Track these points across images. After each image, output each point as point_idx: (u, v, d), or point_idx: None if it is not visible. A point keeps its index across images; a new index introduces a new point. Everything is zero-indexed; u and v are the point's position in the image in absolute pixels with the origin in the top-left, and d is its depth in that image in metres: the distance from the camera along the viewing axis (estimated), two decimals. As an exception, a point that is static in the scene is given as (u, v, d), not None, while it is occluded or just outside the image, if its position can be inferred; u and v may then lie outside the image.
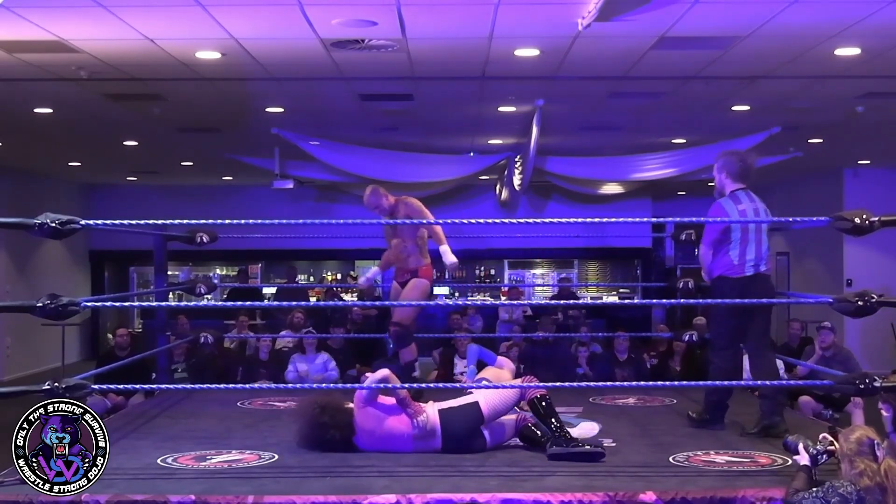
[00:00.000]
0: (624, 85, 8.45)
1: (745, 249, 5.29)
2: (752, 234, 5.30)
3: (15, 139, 11.56)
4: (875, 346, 13.43)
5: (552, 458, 4.67)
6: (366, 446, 4.89)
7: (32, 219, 4.43)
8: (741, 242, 5.30)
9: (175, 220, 5.91)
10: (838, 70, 7.71)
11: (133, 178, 16.51)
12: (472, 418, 4.89)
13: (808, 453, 3.93)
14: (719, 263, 5.36)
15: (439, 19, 6.37)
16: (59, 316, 4.48)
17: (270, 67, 7.65)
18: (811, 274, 15.69)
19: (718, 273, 5.37)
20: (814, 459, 3.91)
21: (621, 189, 13.85)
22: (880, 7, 5.92)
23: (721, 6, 6.04)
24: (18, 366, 14.10)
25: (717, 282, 5.39)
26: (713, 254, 5.39)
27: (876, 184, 14.38)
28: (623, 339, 9.38)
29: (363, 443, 4.90)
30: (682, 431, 5.45)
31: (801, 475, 3.84)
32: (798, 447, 3.98)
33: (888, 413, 4.65)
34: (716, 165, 5.53)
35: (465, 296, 16.71)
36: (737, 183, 5.43)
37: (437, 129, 11.12)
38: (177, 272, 16.28)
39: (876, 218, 4.65)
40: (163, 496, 3.95)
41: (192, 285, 7.31)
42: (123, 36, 6.54)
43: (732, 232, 5.29)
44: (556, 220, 6.20)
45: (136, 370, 7.90)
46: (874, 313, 4.64)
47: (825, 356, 8.24)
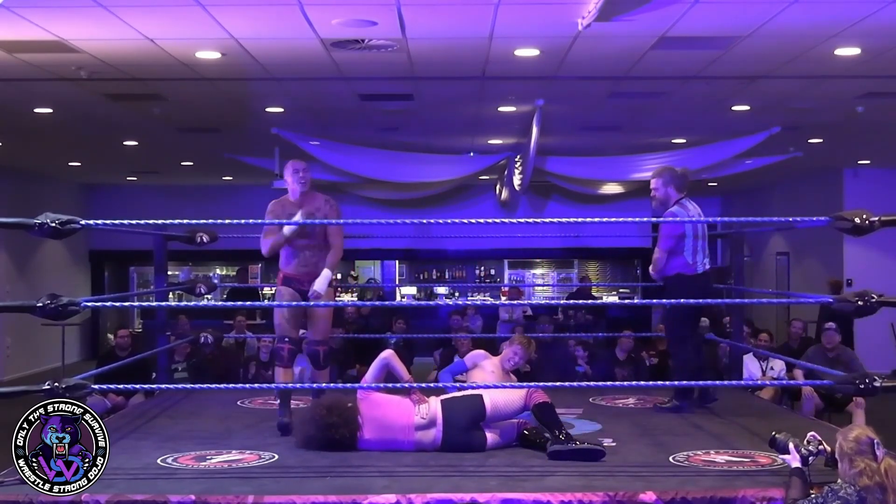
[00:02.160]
0: (624, 85, 8.45)
1: (696, 251, 6.03)
2: (700, 240, 6.06)
3: (15, 139, 11.57)
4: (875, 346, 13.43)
5: (552, 456, 4.67)
6: (369, 443, 4.90)
7: (32, 219, 4.43)
8: (692, 246, 6.02)
9: (175, 220, 5.92)
10: (838, 70, 7.71)
11: (133, 178, 16.52)
12: (475, 410, 4.91)
13: (798, 453, 3.91)
14: (675, 264, 6.02)
15: (439, 19, 6.37)
16: (59, 316, 4.48)
17: (270, 67, 7.65)
18: (811, 274, 15.70)
19: (675, 272, 6.02)
20: (804, 460, 3.90)
21: (621, 189, 13.85)
22: (880, 7, 5.92)
23: (721, 6, 6.04)
24: (18, 366, 14.10)
25: (675, 279, 6.03)
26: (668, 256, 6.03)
27: (876, 184, 14.38)
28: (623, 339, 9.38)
29: (367, 438, 4.91)
30: (682, 431, 5.45)
31: (796, 481, 3.81)
32: (788, 446, 3.96)
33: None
34: (660, 180, 6.12)
35: (465, 296, 16.71)
36: (679, 193, 6.11)
37: (437, 129, 11.12)
38: (177, 272, 16.28)
39: (876, 218, 4.65)
40: (163, 496, 3.95)
41: (192, 285, 7.31)
42: (123, 36, 6.54)
43: (686, 239, 6.00)
44: (556, 220, 6.25)
45: (137, 370, 7.89)
46: (874, 313, 4.65)
47: (829, 357, 8.25)
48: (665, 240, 6.02)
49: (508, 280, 17.96)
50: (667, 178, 6.11)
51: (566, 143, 12.10)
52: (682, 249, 6.00)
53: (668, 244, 6.00)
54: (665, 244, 6.01)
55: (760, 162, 11.89)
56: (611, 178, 12.73)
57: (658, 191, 6.12)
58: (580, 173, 12.42)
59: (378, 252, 16.84)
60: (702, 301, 5.93)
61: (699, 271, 6.02)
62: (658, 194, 6.13)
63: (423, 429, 4.89)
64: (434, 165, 12.10)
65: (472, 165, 12.71)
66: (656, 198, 6.16)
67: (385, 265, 18.10)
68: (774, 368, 8.73)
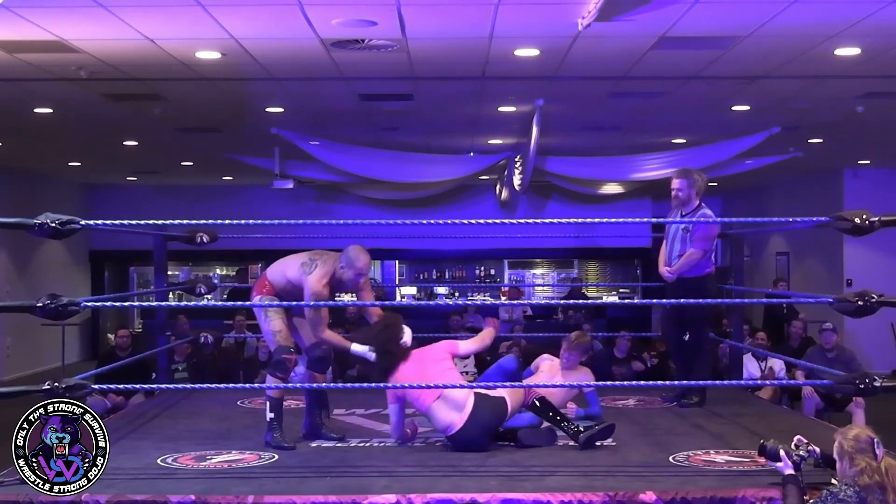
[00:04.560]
0: (624, 85, 8.45)
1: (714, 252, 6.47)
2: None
3: (15, 139, 11.57)
4: (875, 347, 13.43)
5: (586, 444, 4.88)
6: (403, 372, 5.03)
7: (32, 219, 4.44)
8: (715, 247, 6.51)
9: (175, 220, 5.91)
10: (838, 70, 7.71)
11: (133, 178, 16.51)
12: (498, 416, 4.97)
13: (790, 459, 3.91)
14: (705, 264, 6.21)
15: (439, 19, 6.37)
16: (59, 316, 4.49)
17: (270, 67, 7.65)
18: (811, 274, 15.70)
19: (706, 272, 6.21)
20: (797, 466, 3.89)
21: (621, 189, 13.85)
22: (880, 7, 5.91)
23: (721, 6, 6.04)
24: (18, 366, 14.10)
25: (704, 280, 6.20)
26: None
27: (876, 184, 14.37)
28: (623, 339, 9.39)
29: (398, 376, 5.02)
30: (682, 431, 5.46)
31: (791, 489, 3.80)
32: (779, 454, 3.94)
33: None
34: (686, 181, 6.23)
35: (465, 296, 16.71)
36: (699, 195, 6.30)
37: (437, 129, 11.12)
38: (177, 272, 16.29)
39: (876, 218, 4.66)
40: (163, 496, 3.96)
41: (192, 285, 7.31)
42: (123, 36, 6.54)
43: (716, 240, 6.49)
44: (556, 220, 6.26)
45: (137, 370, 7.90)
46: (874, 313, 4.65)
47: (828, 357, 8.25)
48: (704, 241, 6.16)
49: (508, 280, 17.97)
50: (692, 180, 6.24)
51: (566, 143, 12.09)
52: (713, 250, 6.34)
53: (707, 245, 6.18)
54: (703, 245, 6.15)
55: (760, 162, 11.89)
56: (611, 178, 12.74)
57: (682, 191, 6.22)
58: (580, 173, 12.42)
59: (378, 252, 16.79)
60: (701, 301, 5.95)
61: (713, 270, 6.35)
62: (682, 195, 6.23)
63: (447, 405, 4.90)
64: (434, 165, 12.10)
65: (472, 165, 12.70)
66: (678, 198, 6.25)
67: (385, 265, 18.10)
68: (774, 368, 8.74)
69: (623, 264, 18.39)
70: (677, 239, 6.26)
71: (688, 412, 6.06)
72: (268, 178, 11.97)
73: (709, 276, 6.22)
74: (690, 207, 6.25)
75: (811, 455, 3.93)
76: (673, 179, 6.32)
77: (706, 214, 6.22)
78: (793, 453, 3.91)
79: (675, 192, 6.25)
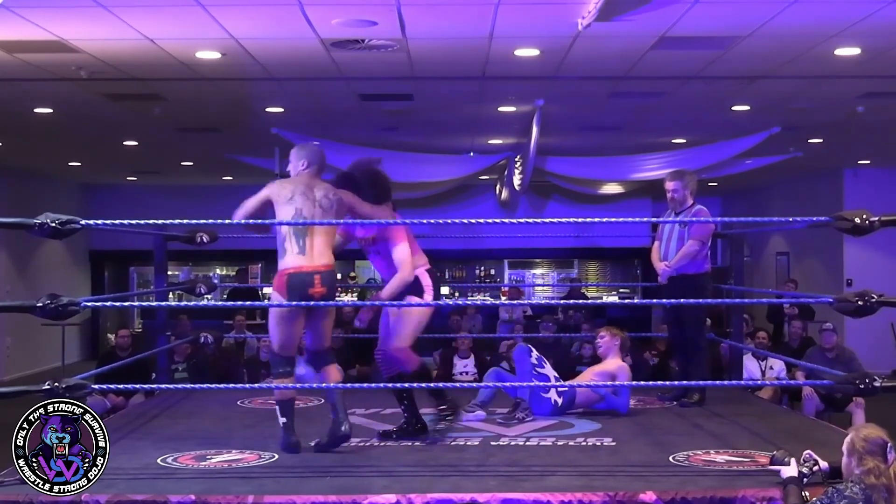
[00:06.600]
0: (624, 85, 8.45)
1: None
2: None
3: (15, 139, 11.57)
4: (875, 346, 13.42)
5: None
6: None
7: (32, 219, 4.43)
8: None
9: (175, 220, 5.90)
10: (838, 70, 7.71)
11: (133, 178, 16.52)
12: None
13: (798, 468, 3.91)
14: (702, 263, 6.32)
15: (439, 19, 6.37)
16: (59, 316, 4.48)
17: (270, 67, 7.65)
18: (811, 274, 15.70)
19: (703, 269, 6.32)
20: (801, 475, 3.89)
21: (621, 189, 13.84)
22: (880, 7, 5.92)
23: (721, 6, 6.04)
24: (18, 366, 14.10)
25: (701, 278, 6.32)
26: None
27: (876, 184, 14.37)
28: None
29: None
30: (682, 431, 5.45)
31: (793, 489, 3.79)
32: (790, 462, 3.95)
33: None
34: (680, 182, 6.38)
35: (465, 296, 16.71)
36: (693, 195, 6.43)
37: (437, 129, 11.12)
38: (177, 272, 16.28)
39: (876, 218, 4.65)
40: (163, 496, 3.95)
41: (192, 285, 7.30)
42: (123, 36, 6.54)
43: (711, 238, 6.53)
44: (556, 220, 6.27)
45: (136, 370, 7.89)
46: (874, 313, 4.64)
47: (828, 357, 8.25)
48: (701, 234, 6.30)
49: (508, 280, 17.96)
50: (686, 181, 6.41)
51: (566, 143, 12.10)
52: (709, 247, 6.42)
53: (704, 237, 6.31)
54: (700, 236, 6.28)
55: (760, 162, 11.89)
56: (611, 178, 12.73)
57: (677, 192, 6.39)
58: (580, 173, 12.42)
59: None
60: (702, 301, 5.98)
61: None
62: (677, 196, 6.39)
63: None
64: (434, 165, 12.10)
65: (472, 165, 12.71)
66: (674, 199, 6.41)
67: (385, 265, 18.06)
68: (774, 368, 8.74)
69: (623, 264, 18.38)
70: (674, 238, 6.35)
71: (688, 412, 6.06)
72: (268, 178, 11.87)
73: (705, 275, 6.35)
74: (685, 207, 6.39)
75: (822, 470, 3.92)
76: (667, 182, 6.46)
77: (701, 210, 6.37)
78: (801, 467, 3.92)
79: (671, 194, 6.39)
